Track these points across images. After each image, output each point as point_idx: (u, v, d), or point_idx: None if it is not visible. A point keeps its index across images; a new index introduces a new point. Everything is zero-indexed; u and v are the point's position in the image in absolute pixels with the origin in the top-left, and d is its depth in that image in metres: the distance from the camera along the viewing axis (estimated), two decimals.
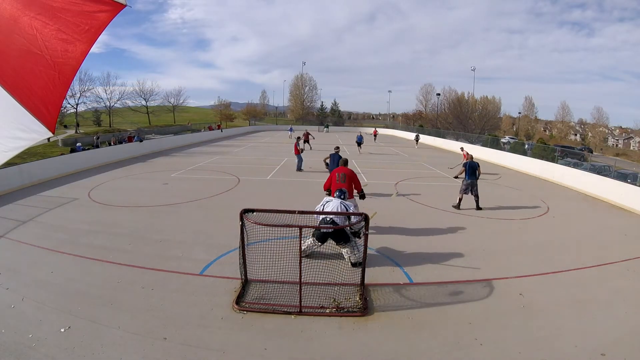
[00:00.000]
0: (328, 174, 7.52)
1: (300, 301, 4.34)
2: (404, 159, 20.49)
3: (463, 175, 9.19)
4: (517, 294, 4.94)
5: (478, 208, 9.11)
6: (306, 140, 22.52)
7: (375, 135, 33.30)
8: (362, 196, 7.15)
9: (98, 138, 19.64)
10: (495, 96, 57.89)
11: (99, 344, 3.64)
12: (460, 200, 9.28)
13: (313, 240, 5.60)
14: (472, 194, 9.11)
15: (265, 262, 5.08)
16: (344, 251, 5.62)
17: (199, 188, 11.04)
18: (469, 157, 9.64)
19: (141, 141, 20.20)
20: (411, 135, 33.79)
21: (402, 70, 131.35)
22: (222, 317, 4.22)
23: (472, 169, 9.00)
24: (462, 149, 16.83)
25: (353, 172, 6.84)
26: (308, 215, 5.29)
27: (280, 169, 15.07)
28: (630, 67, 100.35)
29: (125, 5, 1.56)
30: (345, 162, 7.19)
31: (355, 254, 5.52)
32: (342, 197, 5.70)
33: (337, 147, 10.47)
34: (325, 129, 47.85)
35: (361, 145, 22.63)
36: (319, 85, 78.58)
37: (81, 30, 1.57)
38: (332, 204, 5.58)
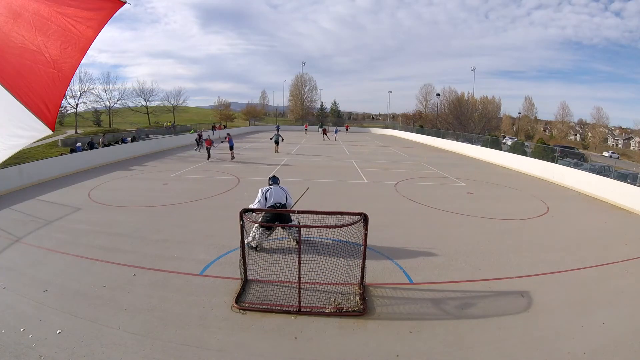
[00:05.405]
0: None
1: (300, 301, 4.34)
2: (404, 159, 20.48)
3: None
4: (517, 294, 4.93)
5: None
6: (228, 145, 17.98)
7: (347, 129, 34.94)
8: None
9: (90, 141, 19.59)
10: (495, 96, 58.04)
11: (99, 344, 3.63)
12: None
13: (258, 230, 5.83)
14: None
15: (265, 262, 5.08)
16: (288, 232, 6.08)
17: (198, 188, 11.04)
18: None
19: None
20: (411, 136, 34.01)
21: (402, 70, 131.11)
22: (222, 317, 4.21)
23: None
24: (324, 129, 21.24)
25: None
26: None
27: (280, 169, 15.05)
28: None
29: (125, 3, 1.56)
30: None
31: (296, 232, 5.71)
32: (277, 182, 6.37)
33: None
34: (322, 129, 47.75)
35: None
36: (319, 86, 78.67)
37: (81, 28, 1.56)
38: (275, 190, 6.06)
